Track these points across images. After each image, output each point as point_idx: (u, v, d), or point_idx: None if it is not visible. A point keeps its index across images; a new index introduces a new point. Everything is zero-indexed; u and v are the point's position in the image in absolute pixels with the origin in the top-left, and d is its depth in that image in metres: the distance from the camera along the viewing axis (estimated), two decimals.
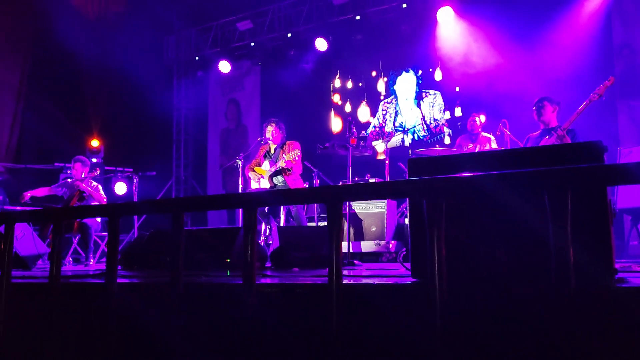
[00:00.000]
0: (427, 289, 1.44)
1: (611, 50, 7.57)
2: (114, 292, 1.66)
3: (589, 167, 1.01)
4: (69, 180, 7.18)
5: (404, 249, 5.69)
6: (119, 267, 4.98)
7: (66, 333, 2.77)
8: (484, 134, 6.51)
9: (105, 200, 6.99)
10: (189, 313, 2.58)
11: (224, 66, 10.57)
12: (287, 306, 2.47)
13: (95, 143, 9.73)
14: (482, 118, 6.60)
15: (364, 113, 9.38)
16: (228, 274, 3.86)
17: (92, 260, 6.66)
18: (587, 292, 1.66)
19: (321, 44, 9.40)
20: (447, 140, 7.86)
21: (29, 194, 6.78)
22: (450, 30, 8.46)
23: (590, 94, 4.90)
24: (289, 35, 9.83)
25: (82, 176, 6.85)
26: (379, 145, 6.96)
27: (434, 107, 8.95)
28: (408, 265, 2.67)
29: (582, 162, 2.02)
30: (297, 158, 6.21)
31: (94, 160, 9.30)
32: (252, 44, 10.29)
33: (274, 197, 1.57)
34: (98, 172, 7.25)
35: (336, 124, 9.39)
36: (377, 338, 2.17)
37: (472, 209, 2.14)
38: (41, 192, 6.94)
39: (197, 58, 11.15)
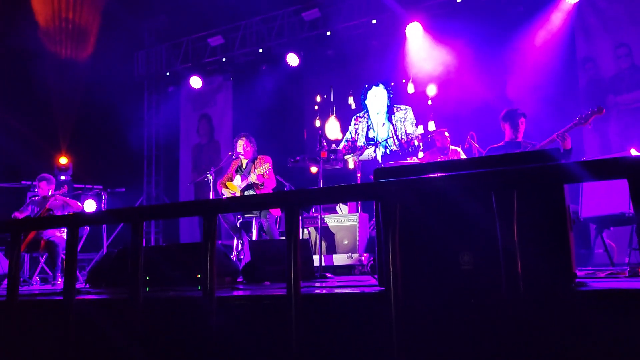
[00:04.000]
0: (389, 296, 1.45)
1: (575, 64, 7.79)
2: (73, 306, 1.62)
3: (533, 167, 1.03)
4: (36, 198, 7.04)
5: (372, 259, 5.70)
6: (87, 286, 4.89)
7: (31, 351, 2.70)
8: (452, 147, 6.61)
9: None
10: (157, 328, 2.54)
11: (196, 81, 10.54)
12: (255, 318, 2.45)
13: (63, 160, 9.55)
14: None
15: (332, 128, 9.38)
16: (199, 288, 3.82)
17: (59, 279, 6.51)
18: (543, 295, 1.68)
19: (292, 59, 9.46)
20: (421, 154, 7.93)
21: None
22: (419, 46, 8.60)
23: (577, 117, 4.66)
24: (261, 50, 9.88)
25: (50, 193, 6.72)
26: (351, 160, 7.00)
27: (405, 122, 9.04)
28: (377, 276, 2.68)
29: None
30: (268, 172, 6.21)
31: (62, 177, 9.13)
32: (224, 59, 10.29)
33: (232, 204, 1.56)
34: (66, 189, 7.12)
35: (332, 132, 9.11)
36: (344, 346, 2.16)
37: (437, 214, 2.16)
38: (21, 214, 6.78)
39: (167, 74, 11.09)
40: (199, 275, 4.41)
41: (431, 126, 8.24)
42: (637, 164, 0.97)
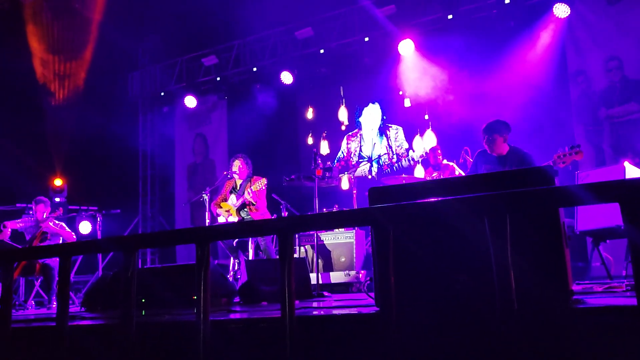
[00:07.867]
0: (384, 318, 1.44)
1: (566, 77, 7.85)
2: (66, 335, 1.61)
3: (526, 191, 1.04)
4: (31, 219, 7.02)
5: (369, 278, 5.66)
6: (83, 309, 4.85)
7: None
8: (447, 162, 6.63)
9: (74, 236, 6.85)
10: (152, 354, 2.52)
11: (190, 101, 10.56)
12: (251, 341, 2.43)
13: (58, 182, 9.52)
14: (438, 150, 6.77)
15: (325, 145, 9.33)
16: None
17: (55, 303, 6.46)
18: (540, 314, 1.67)
19: (286, 78, 9.49)
20: (418, 172, 7.90)
21: (8, 227, 6.64)
22: (412, 62, 8.65)
23: (555, 156, 4.65)
24: (255, 69, 9.92)
25: (44, 216, 6.70)
26: (344, 179, 7.01)
27: (396, 141, 9.07)
28: (373, 294, 2.67)
29: (534, 186, 2.07)
30: (262, 189, 6.21)
31: (57, 199, 9.09)
32: (218, 78, 10.33)
33: (226, 231, 1.56)
34: (61, 211, 7.09)
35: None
36: None
37: (431, 235, 2.16)
38: (12, 224, 6.80)
39: (162, 94, 11.12)
40: (196, 297, 4.38)
41: (429, 136, 8.11)
42: (628, 188, 0.98)
